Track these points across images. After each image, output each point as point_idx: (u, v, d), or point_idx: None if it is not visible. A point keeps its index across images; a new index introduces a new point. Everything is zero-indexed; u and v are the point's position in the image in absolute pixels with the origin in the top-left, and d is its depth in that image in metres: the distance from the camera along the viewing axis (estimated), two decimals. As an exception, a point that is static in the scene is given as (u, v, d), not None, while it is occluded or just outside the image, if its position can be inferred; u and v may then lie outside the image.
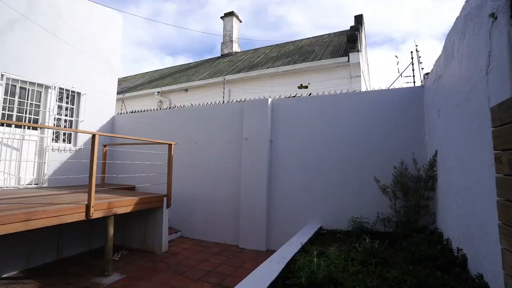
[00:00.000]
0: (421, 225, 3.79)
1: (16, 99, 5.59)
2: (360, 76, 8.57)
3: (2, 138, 5.29)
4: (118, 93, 9.08)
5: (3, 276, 3.80)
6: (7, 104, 5.44)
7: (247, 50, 14.86)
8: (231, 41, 14.95)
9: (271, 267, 2.85)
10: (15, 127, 5.52)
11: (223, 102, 6.77)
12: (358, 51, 8.59)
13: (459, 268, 2.41)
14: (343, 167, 4.73)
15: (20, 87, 5.65)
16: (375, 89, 4.86)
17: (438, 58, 3.57)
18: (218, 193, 5.66)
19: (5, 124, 5.35)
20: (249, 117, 5.42)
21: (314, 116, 5.07)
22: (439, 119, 3.44)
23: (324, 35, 13.06)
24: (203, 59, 16.16)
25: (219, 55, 15.44)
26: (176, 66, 16.87)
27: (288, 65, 9.89)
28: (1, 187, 5.20)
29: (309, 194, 4.92)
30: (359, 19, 10.68)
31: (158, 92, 12.27)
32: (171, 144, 5.04)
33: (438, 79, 3.51)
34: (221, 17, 15.43)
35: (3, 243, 3.77)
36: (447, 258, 2.62)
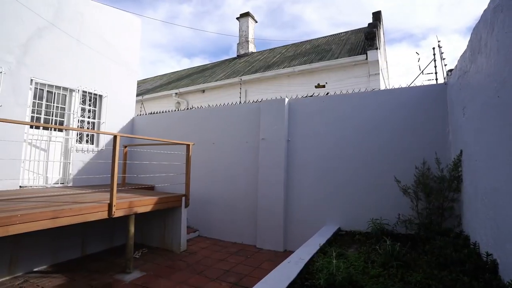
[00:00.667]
0: (445, 228, 3.65)
1: (44, 102, 5.85)
2: (378, 74, 8.37)
3: (31, 139, 5.56)
4: (137, 95, 9.32)
5: (34, 269, 4.00)
6: (36, 107, 5.71)
7: (263, 50, 14.87)
8: (247, 41, 15.00)
9: (289, 268, 2.83)
10: (43, 129, 5.79)
11: (240, 102, 6.81)
12: (376, 48, 8.40)
13: (489, 274, 2.29)
14: (362, 167, 4.63)
15: (47, 91, 5.92)
16: (395, 87, 4.73)
17: (463, 53, 3.42)
18: (235, 193, 5.69)
19: (34, 126, 5.62)
20: (266, 117, 5.41)
21: (332, 115, 4.99)
22: (465, 117, 3.30)
23: (341, 33, 12.86)
24: (219, 60, 16.32)
25: (235, 55, 15.53)
26: (193, 67, 17.12)
27: (305, 64, 9.80)
28: (31, 186, 5.46)
29: (327, 195, 4.85)
30: (377, 15, 10.43)
31: (176, 93, 12.49)
32: (189, 145, 5.11)
33: (463, 75, 3.37)
34: (237, 18, 15.52)
35: (34, 239, 3.97)
36: (475, 263, 2.49)
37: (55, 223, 3.17)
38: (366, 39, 8.87)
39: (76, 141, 6.38)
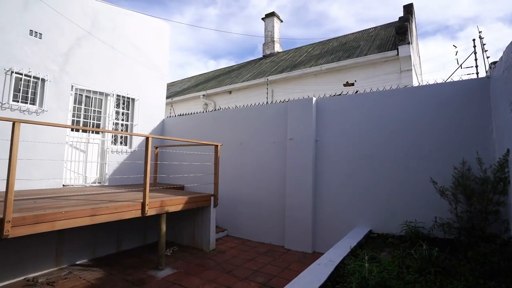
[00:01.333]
0: (490, 233, 3.38)
1: (83, 106, 6.24)
2: (411, 70, 7.98)
3: (72, 142, 5.96)
4: (167, 97, 9.65)
5: (77, 262, 4.28)
6: (76, 112, 6.11)
7: (289, 50, 14.76)
8: (273, 41, 14.97)
9: (319, 270, 2.78)
10: (82, 131, 6.18)
11: (267, 102, 6.81)
12: (408, 43, 8.01)
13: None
14: (394, 167, 4.44)
15: (85, 95, 6.30)
16: (430, 83, 4.47)
17: (511, 44, 3.16)
18: (263, 193, 5.69)
19: (74, 129, 6.01)
20: (294, 117, 5.37)
21: (362, 114, 4.84)
22: None
23: (370, 28, 12.43)
24: (245, 61, 16.44)
25: (261, 56, 15.57)
26: (219, 69, 17.41)
27: (332, 62, 9.59)
28: (72, 185, 5.85)
29: (358, 196, 4.70)
30: (408, 8, 9.96)
31: (203, 95, 12.77)
32: (217, 145, 5.20)
33: (510, 68, 3.11)
34: (262, 18, 15.54)
35: (75, 234, 4.24)
36: (526, 273, 2.29)
37: (94, 220, 3.36)
38: (397, 33, 8.50)
39: (112, 142, 6.73)
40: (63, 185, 5.70)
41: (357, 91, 5.23)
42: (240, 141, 6.16)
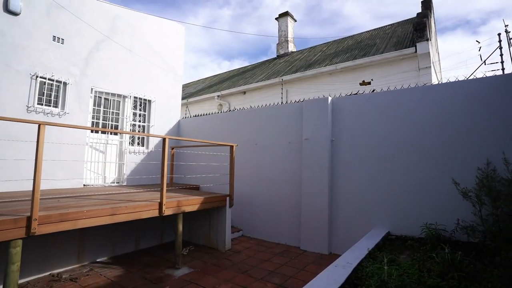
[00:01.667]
0: (517, 237, 3.23)
1: (102, 108, 6.43)
2: (430, 67, 7.75)
3: (92, 143, 6.15)
4: (182, 98, 9.78)
5: (97, 260, 4.41)
6: (95, 113, 6.29)
7: (303, 49, 14.66)
8: (287, 41, 14.91)
9: (337, 272, 2.74)
10: (101, 133, 6.36)
11: (281, 102, 6.78)
12: (427, 39, 7.78)
13: None
14: (413, 167, 4.32)
15: (104, 98, 6.49)
16: (451, 81, 4.33)
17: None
18: (279, 193, 5.67)
19: (93, 131, 6.20)
20: (309, 117, 5.32)
21: (379, 113, 4.74)
22: (539, 111, 2.90)
23: (386, 26, 12.17)
24: (259, 61, 16.45)
25: (275, 56, 15.54)
26: (233, 70, 17.50)
27: (347, 61, 9.45)
28: (92, 185, 6.03)
29: (375, 197, 4.61)
30: (427, 4, 9.68)
31: (218, 96, 12.87)
32: (232, 146, 5.23)
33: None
34: (276, 18, 15.52)
35: (96, 233, 4.37)
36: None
37: (113, 220, 3.45)
38: (415, 30, 8.27)
39: (129, 143, 6.89)
40: (84, 185, 5.88)
41: (373, 90, 5.13)
42: (255, 142, 6.16)
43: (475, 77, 4.23)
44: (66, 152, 5.48)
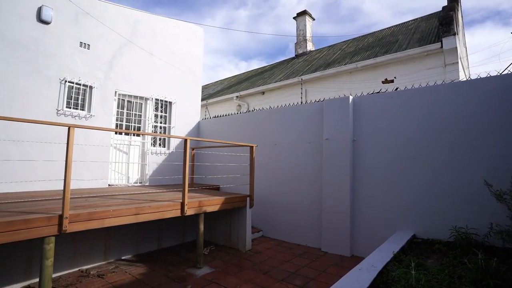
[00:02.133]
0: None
1: (125, 111, 6.63)
2: (457, 63, 7.41)
3: (116, 144, 6.36)
4: (201, 99, 9.90)
5: (122, 258, 4.55)
6: (119, 116, 6.50)
7: (322, 48, 14.46)
8: (305, 40, 14.76)
9: (361, 276, 2.67)
10: (124, 134, 6.56)
11: (301, 102, 6.72)
12: (454, 34, 7.45)
13: None
14: (441, 168, 4.14)
15: (127, 100, 6.69)
16: (481, 77, 4.11)
17: None
18: (299, 194, 5.62)
19: (117, 132, 6.41)
20: (329, 116, 5.24)
21: (403, 112, 4.58)
22: None
23: (409, 21, 11.76)
24: (277, 61, 16.39)
25: (293, 55, 15.42)
26: (252, 70, 17.54)
27: (368, 59, 9.22)
28: (116, 185, 6.24)
29: (400, 198, 4.46)
30: (454, -3, 9.25)
31: (237, 96, 12.94)
32: (252, 147, 5.23)
33: None
34: (294, 18, 15.39)
35: (121, 231, 4.51)
36: None
37: (138, 219, 3.55)
38: (441, 24, 7.94)
39: (151, 144, 7.07)
40: (109, 185, 6.09)
41: (397, 88, 4.97)
42: (275, 142, 6.14)
43: (509, 72, 4.00)
44: (92, 153, 5.70)
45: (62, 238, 3.74)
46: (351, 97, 5.10)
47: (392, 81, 7.61)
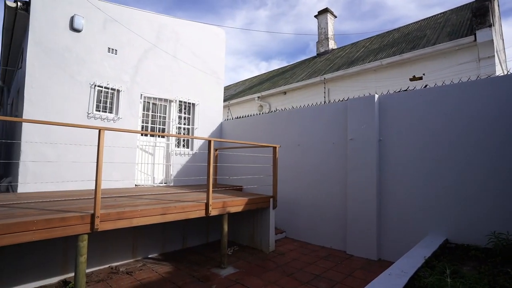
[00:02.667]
0: None
1: (150, 113, 6.83)
2: (493, 56, 6.96)
3: (142, 145, 6.56)
4: (223, 101, 10.00)
5: (149, 256, 4.68)
6: (144, 118, 6.71)
7: (345, 46, 14.15)
8: (327, 38, 14.51)
9: (391, 281, 2.56)
10: (150, 136, 6.76)
11: (324, 102, 6.60)
12: (489, 25, 7.01)
13: None
14: (477, 169, 3.90)
15: (152, 103, 6.88)
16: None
17: None
18: (323, 195, 5.52)
19: (143, 134, 6.61)
20: (354, 116, 5.10)
21: (433, 110, 4.37)
22: None
23: (437, 14, 11.22)
24: (299, 60, 16.24)
25: (315, 54, 15.21)
26: (273, 70, 17.50)
27: (394, 56, 8.90)
28: (143, 185, 6.44)
29: (429, 200, 4.25)
30: (488, -13, 8.71)
31: (258, 97, 12.96)
32: (275, 147, 5.20)
33: None
34: (315, 16, 15.17)
35: (148, 230, 4.64)
36: None
37: (164, 219, 3.63)
38: (475, 16, 7.49)
39: (175, 145, 7.23)
40: (135, 185, 6.30)
41: (426, 86, 4.74)
42: (297, 142, 6.07)
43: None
44: (119, 154, 5.92)
45: (94, 235, 3.91)
46: (376, 96, 4.94)
47: (420, 78, 7.28)
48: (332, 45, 14.57)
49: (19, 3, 5.34)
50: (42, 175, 5.07)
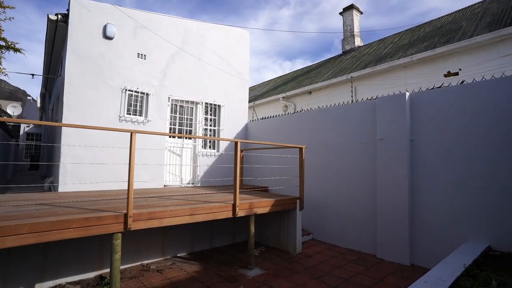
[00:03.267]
0: None
1: (177, 115, 7.02)
2: (539, 48, 6.41)
3: (170, 147, 6.76)
4: (248, 101, 10.04)
5: (177, 255, 4.80)
6: (172, 120, 6.91)
7: (371, 43, 13.70)
8: (353, 35, 14.13)
9: (428, 290, 2.43)
10: (178, 138, 6.95)
11: (351, 101, 6.43)
12: (534, 15, 6.45)
13: None
14: (522, 171, 3.61)
15: (179, 105, 7.07)
16: None
17: None
18: (351, 197, 5.37)
19: (171, 136, 6.81)
20: (383, 115, 4.91)
21: (471, 108, 4.09)
22: None
23: (474, 4, 10.53)
24: (324, 59, 15.96)
25: (340, 52, 14.87)
26: (297, 70, 17.34)
27: (426, 51, 8.46)
28: (171, 185, 6.63)
29: (469, 204, 3.99)
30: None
31: (283, 97, 12.88)
32: (302, 148, 5.14)
33: None
34: (340, 13, 14.83)
35: (177, 230, 4.76)
36: None
37: (193, 219, 3.70)
38: (516, 6, 6.94)
39: (202, 147, 7.37)
40: (164, 185, 6.49)
41: (463, 81, 4.46)
42: (324, 143, 5.96)
43: None
44: (149, 156, 6.14)
45: (127, 234, 4.08)
46: (407, 93, 4.72)
47: (456, 73, 6.86)
48: (358, 42, 14.17)
49: (59, 16, 5.71)
50: (79, 176, 5.38)
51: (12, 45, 6.52)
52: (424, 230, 4.39)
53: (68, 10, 5.57)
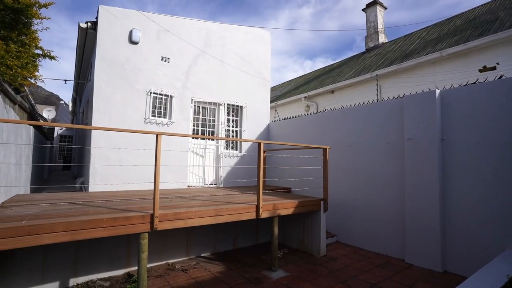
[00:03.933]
0: None
1: (200, 116, 7.12)
2: None
3: (193, 148, 6.86)
4: (270, 102, 10.00)
5: (201, 255, 4.86)
6: (195, 121, 7.01)
7: (396, 39, 13.21)
8: (376, 32, 13.69)
9: (465, 300, 2.28)
10: (201, 139, 7.05)
11: (377, 100, 6.22)
12: None
13: None
14: None
15: (202, 107, 7.17)
16: None
17: None
18: (377, 199, 5.19)
19: (194, 137, 6.91)
20: (411, 114, 4.71)
21: (510, 104, 3.82)
22: None
23: (511, -6, 9.85)
24: (346, 57, 15.61)
25: (363, 50, 14.47)
26: (319, 69, 17.08)
27: (457, 45, 8.03)
28: (194, 186, 6.73)
29: (506, 208, 3.72)
30: None
31: (305, 97, 12.73)
32: (325, 148, 5.03)
33: None
34: (363, 9, 14.43)
35: (201, 230, 4.82)
36: None
37: (217, 220, 3.73)
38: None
39: (224, 148, 7.43)
40: (188, 186, 6.60)
41: (501, 76, 4.17)
42: (348, 143, 5.81)
43: None
44: (173, 157, 6.27)
45: (153, 235, 4.19)
46: (438, 91, 4.49)
47: (493, 68, 6.42)
48: (382, 38, 13.72)
49: (89, 24, 5.99)
50: (107, 177, 5.59)
51: (48, 53, 6.93)
52: (457, 235, 4.15)
53: (97, 18, 5.82)
